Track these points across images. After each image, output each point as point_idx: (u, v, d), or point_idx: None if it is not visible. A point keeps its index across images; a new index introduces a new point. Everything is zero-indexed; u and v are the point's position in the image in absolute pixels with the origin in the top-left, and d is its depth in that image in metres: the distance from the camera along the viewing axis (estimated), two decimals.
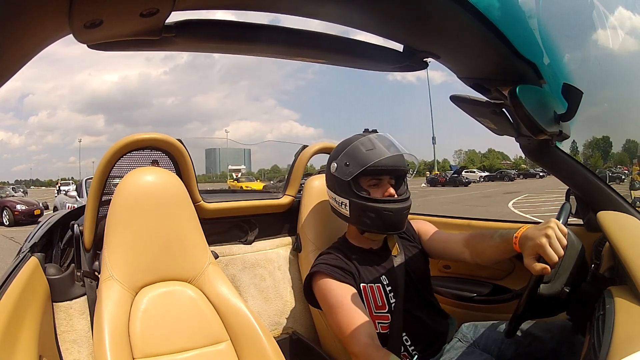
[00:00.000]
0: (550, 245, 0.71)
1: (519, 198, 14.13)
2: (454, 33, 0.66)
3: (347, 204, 0.99)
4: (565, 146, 0.91)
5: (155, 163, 1.09)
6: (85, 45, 0.49)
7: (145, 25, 0.47)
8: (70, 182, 25.56)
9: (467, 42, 0.68)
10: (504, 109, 0.88)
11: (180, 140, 1.09)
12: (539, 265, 0.71)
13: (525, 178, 32.58)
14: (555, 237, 0.72)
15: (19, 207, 9.61)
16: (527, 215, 8.77)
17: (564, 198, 1.03)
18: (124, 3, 0.40)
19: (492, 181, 30.03)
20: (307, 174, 1.41)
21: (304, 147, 1.40)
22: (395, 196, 0.99)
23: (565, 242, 0.72)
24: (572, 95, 0.76)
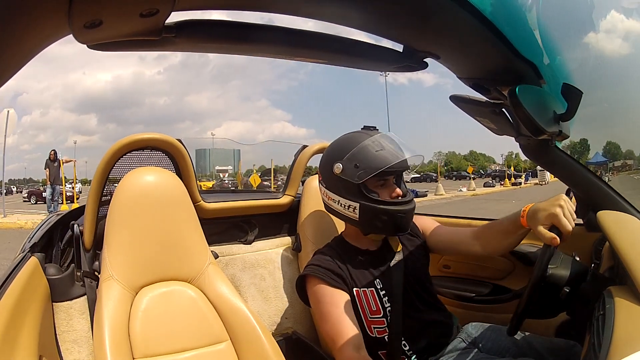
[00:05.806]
0: (564, 215, 0.75)
1: None
2: (454, 33, 0.66)
3: (357, 208, 0.94)
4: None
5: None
6: (80, 44, 0.49)
7: (145, 26, 0.47)
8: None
9: (467, 42, 0.69)
10: (503, 109, 0.88)
11: (180, 140, 1.09)
12: (550, 234, 0.75)
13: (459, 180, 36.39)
14: (567, 209, 0.76)
15: None
16: None
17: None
18: (124, 3, 0.40)
19: (419, 182, 32.82)
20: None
21: (304, 147, 1.40)
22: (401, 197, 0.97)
23: (575, 216, 0.77)
24: (572, 95, 0.76)
